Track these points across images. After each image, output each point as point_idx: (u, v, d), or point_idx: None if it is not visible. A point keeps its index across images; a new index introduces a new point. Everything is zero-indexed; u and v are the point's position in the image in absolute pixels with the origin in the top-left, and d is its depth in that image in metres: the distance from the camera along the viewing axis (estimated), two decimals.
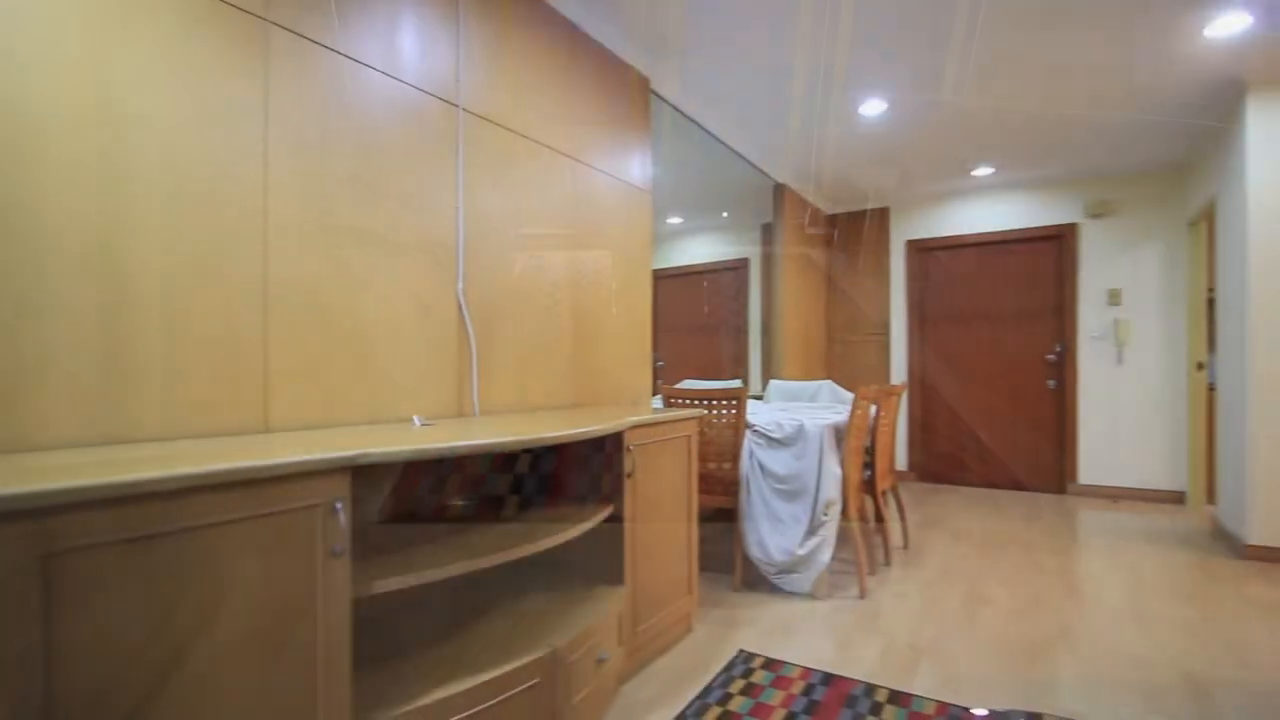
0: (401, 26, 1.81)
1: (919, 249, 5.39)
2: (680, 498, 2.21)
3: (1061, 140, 3.99)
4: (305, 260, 1.56)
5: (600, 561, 1.91)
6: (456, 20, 1.98)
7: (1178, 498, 4.48)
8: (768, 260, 4.91)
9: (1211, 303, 4.24)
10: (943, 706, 1.80)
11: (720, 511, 3.86)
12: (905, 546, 3.43)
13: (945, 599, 2.65)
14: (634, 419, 1.86)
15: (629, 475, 1.85)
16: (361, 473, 1.56)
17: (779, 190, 4.70)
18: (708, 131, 3.64)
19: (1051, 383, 4.90)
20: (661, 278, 5.91)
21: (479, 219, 2.06)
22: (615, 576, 1.88)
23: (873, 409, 3.15)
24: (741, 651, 2.16)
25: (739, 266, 5.49)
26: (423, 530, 1.54)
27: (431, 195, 1.89)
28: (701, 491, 2.79)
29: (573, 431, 1.48)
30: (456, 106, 1.97)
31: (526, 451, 2.07)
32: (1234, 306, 3.41)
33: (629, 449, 1.85)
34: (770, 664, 2.07)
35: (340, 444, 1.20)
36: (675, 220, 5.57)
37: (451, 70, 1.96)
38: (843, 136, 3.92)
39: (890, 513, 4.15)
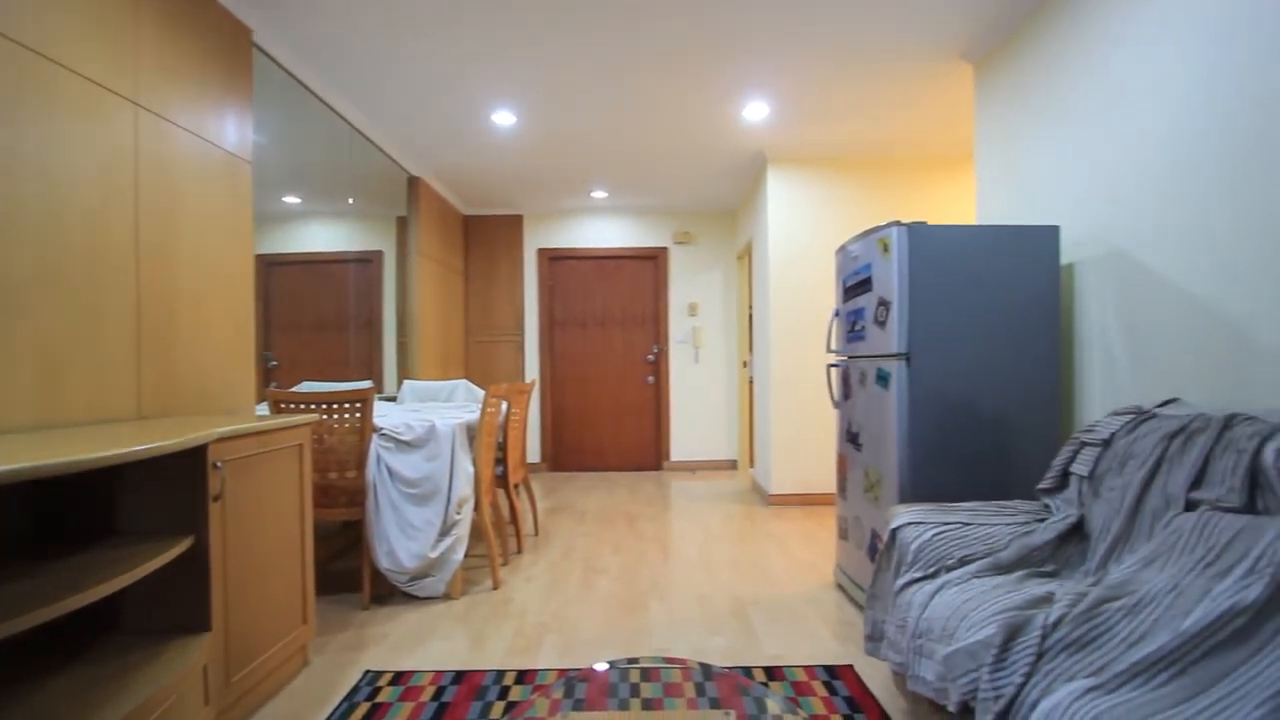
0: None
1: (549, 257, 5.85)
2: (290, 516, 1.94)
3: (655, 177, 4.81)
4: None
5: (179, 606, 1.54)
6: None
7: (733, 465, 5.86)
8: (403, 255, 4.70)
9: (751, 317, 5.66)
10: (562, 673, 1.99)
11: (346, 524, 3.54)
12: (536, 533, 3.67)
13: (568, 575, 2.93)
14: (222, 430, 1.55)
15: (216, 498, 1.54)
16: None
17: (414, 183, 4.54)
18: (329, 107, 3.29)
19: (650, 379, 5.88)
20: (275, 264, 5.09)
21: None
22: (199, 622, 1.54)
23: (504, 406, 3.29)
24: (368, 673, 2.01)
25: (372, 259, 5.10)
26: None
27: None
28: (321, 505, 2.50)
29: (95, 456, 1.16)
30: None
31: (67, 480, 1.54)
32: (762, 320, 4.62)
33: (216, 466, 1.54)
34: (399, 678, 1.97)
35: None
36: (292, 200, 4.87)
37: None
38: (475, 141, 4.00)
39: (522, 503, 4.40)
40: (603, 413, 5.89)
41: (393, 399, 4.22)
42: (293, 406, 2.40)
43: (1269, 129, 1.58)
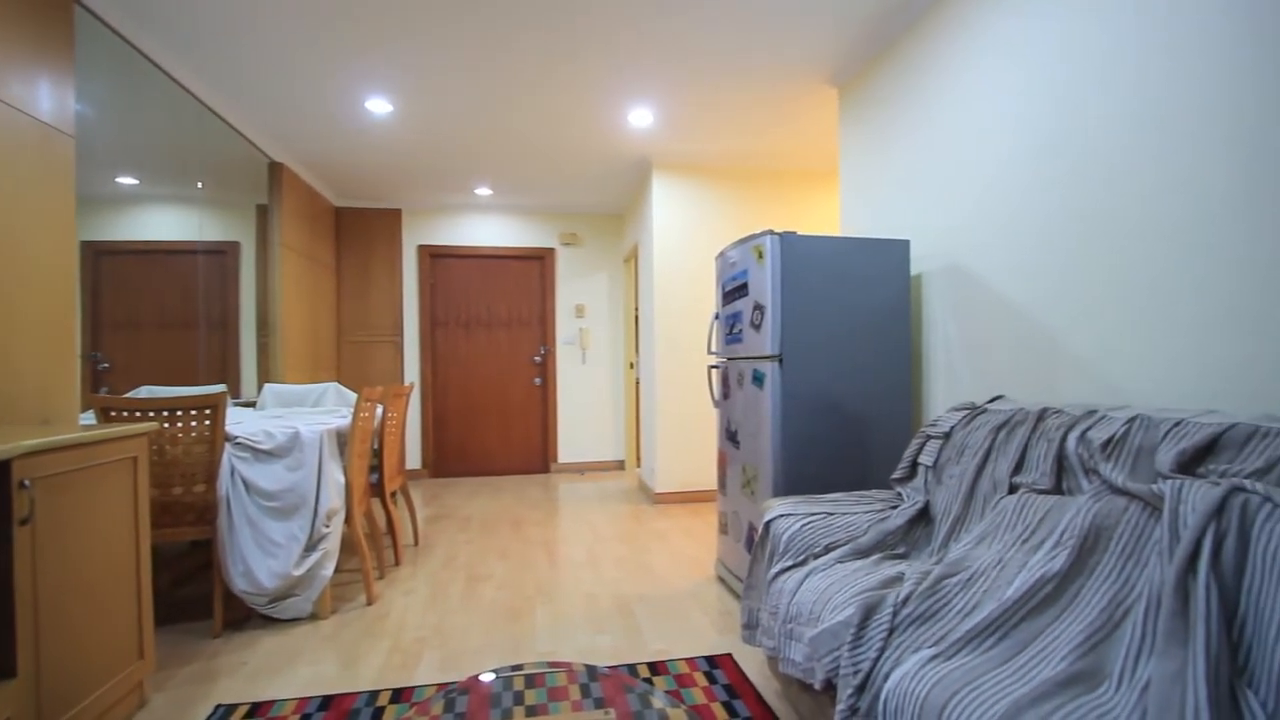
0: None
1: (431, 254, 5.61)
2: (121, 539, 1.72)
3: (542, 177, 4.76)
4: None
5: None
6: None
7: (620, 465, 5.91)
8: (264, 247, 4.31)
9: (637, 319, 5.75)
10: (442, 687, 1.91)
11: (195, 544, 3.19)
12: (416, 543, 3.51)
13: (450, 585, 2.82)
14: (31, 442, 1.34)
15: (23, 521, 1.33)
16: None
17: (276, 169, 4.18)
18: (172, 79, 2.95)
19: (537, 380, 5.81)
20: (107, 253, 4.48)
21: None
22: (2, 667, 1.33)
23: (379, 410, 3.11)
24: (219, 707, 1.82)
25: (226, 250, 4.62)
26: None
27: None
28: (163, 525, 2.24)
29: None
30: None
31: None
32: (648, 322, 4.71)
33: (23, 485, 1.33)
34: (257, 709, 1.81)
35: None
36: (128, 181, 4.32)
37: None
38: (348, 128, 3.75)
39: (400, 512, 4.19)
40: (488, 415, 5.74)
41: (252, 404, 3.86)
42: (126, 414, 2.13)
43: (1070, 168, 1.84)
